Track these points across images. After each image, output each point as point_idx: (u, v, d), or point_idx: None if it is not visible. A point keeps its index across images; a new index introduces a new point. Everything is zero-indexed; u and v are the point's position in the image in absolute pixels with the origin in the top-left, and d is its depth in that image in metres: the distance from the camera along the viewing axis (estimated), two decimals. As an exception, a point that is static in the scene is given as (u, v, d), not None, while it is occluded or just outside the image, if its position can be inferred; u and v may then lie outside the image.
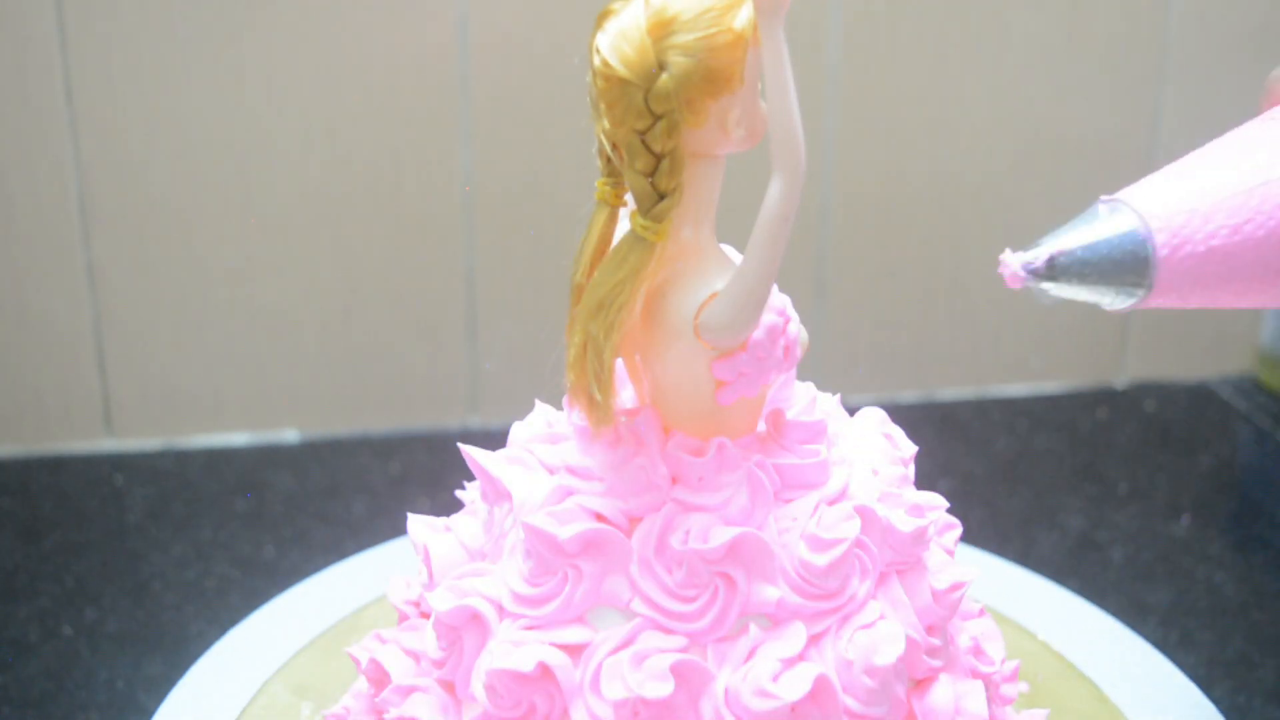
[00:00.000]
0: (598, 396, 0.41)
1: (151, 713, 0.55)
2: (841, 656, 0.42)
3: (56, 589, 0.72)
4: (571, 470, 0.45)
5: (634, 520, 0.43)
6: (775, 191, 0.38)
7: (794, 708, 0.41)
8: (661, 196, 0.39)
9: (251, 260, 0.87)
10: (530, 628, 0.43)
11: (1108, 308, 0.40)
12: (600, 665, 0.42)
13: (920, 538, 0.45)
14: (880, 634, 0.42)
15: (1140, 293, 0.39)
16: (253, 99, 0.83)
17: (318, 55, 0.83)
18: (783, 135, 0.37)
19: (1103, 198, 0.40)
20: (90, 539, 0.77)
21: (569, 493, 0.44)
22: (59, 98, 0.81)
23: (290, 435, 0.90)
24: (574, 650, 0.42)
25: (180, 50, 0.82)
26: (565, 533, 0.42)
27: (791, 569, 0.43)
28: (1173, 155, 1.10)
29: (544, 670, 0.41)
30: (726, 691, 0.41)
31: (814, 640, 0.43)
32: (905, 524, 0.44)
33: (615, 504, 0.43)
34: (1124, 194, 0.40)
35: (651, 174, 0.39)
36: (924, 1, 0.89)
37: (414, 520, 0.49)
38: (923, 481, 0.51)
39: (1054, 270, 0.39)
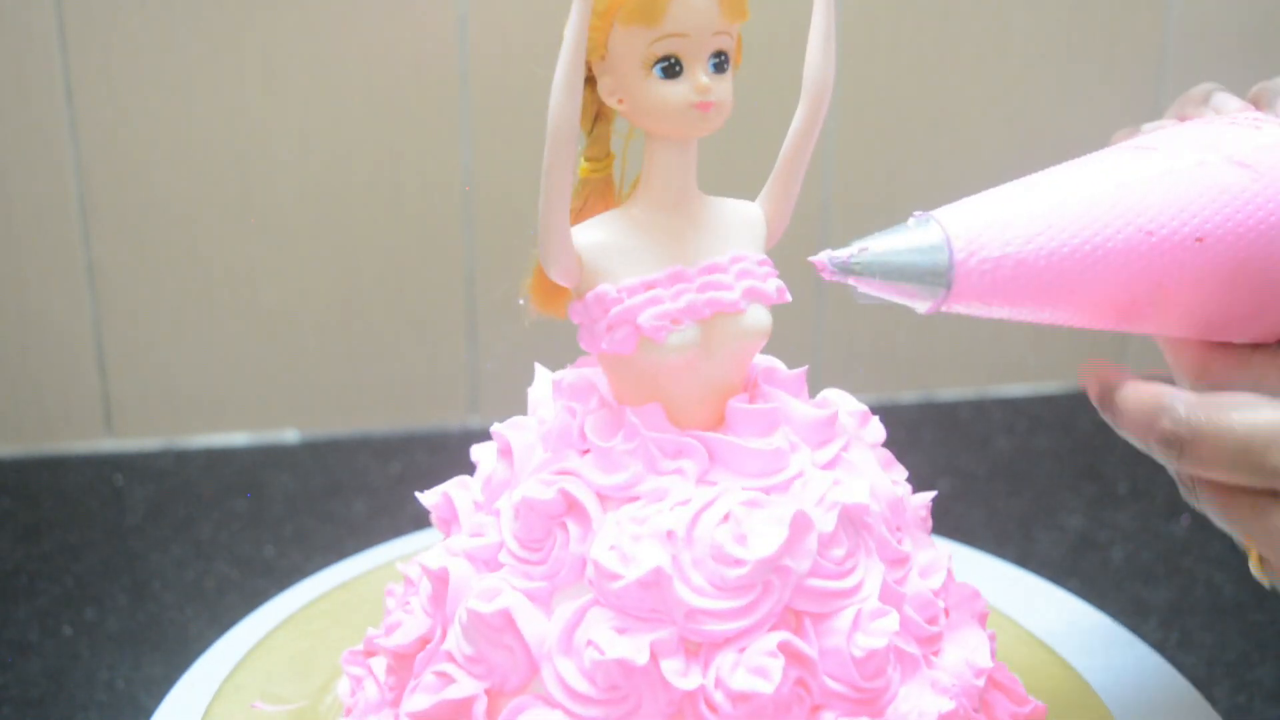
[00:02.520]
0: (525, 281, 0.47)
1: (151, 713, 0.55)
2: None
3: (56, 589, 0.72)
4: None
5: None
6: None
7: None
8: (587, 135, 0.45)
9: (251, 260, 0.87)
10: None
11: (916, 308, 0.44)
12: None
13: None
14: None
15: (940, 291, 0.43)
16: (253, 99, 0.83)
17: (317, 55, 0.83)
18: (552, 95, 0.41)
19: (915, 213, 0.45)
20: (90, 539, 0.77)
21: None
22: (59, 98, 0.81)
23: (290, 435, 0.90)
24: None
25: (180, 50, 0.82)
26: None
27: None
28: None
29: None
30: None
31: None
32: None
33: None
34: (933, 211, 0.44)
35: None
36: (924, 1, 0.89)
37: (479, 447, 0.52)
38: (922, 482, 0.51)
39: (859, 265, 0.44)
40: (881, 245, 0.44)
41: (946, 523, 0.75)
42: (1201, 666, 0.65)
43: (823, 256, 0.44)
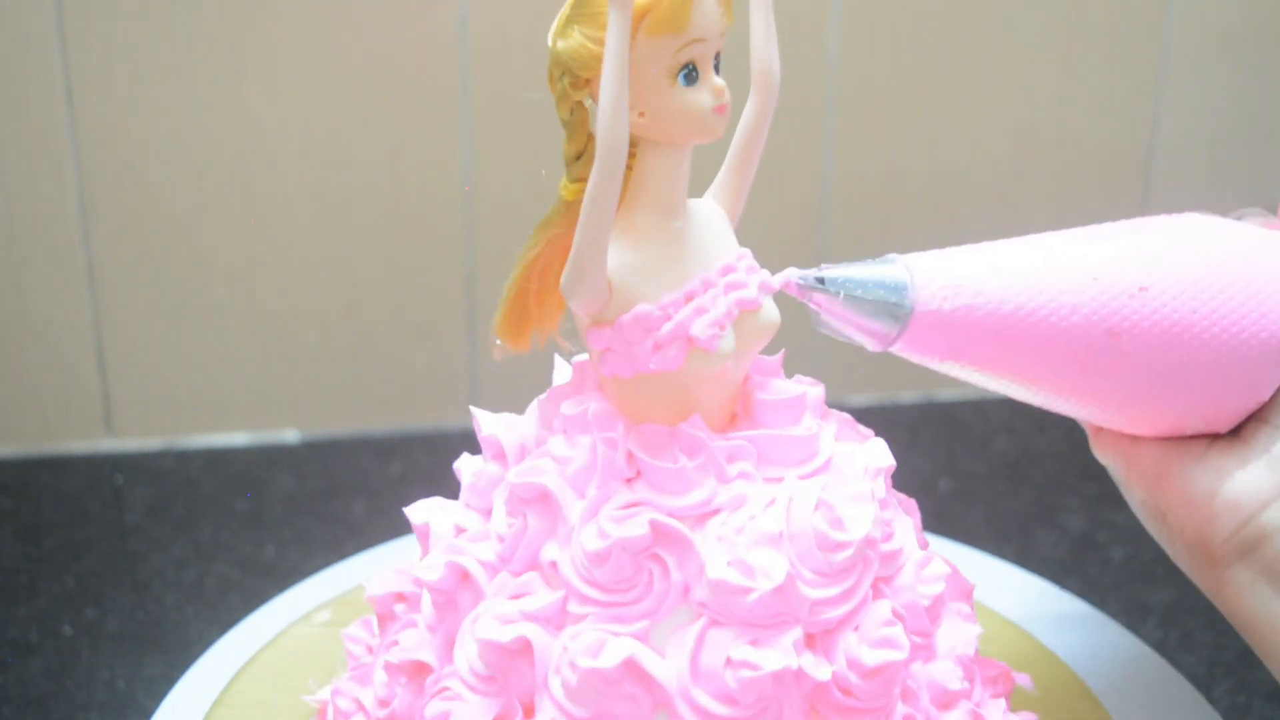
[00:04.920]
0: (495, 318, 0.46)
1: (151, 713, 0.55)
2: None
3: (56, 589, 0.72)
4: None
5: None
6: (592, 173, 0.41)
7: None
8: (577, 157, 0.43)
9: (251, 260, 0.87)
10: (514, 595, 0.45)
11: (868, 344, 0.46)
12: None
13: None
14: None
15: (896, 327, 0.44)
16: (253, 99, 0.83)
17: (318, 55, 0.83)
18: (602, 118, 0.40)
19: (888, 255, 0.46)
20: (90, 539, 0.77)
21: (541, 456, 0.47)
22: (59, 98, 0.81)
23: (290, 435, 0.90)
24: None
25: (180, 50, 0.82)
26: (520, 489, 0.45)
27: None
28: (1172, 155, 1.11)
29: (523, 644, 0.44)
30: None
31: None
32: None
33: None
34: (903, 256, 0.46)
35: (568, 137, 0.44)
36: (924, 1, 0.89)
37: (413, 507, 0.51)
38: (923, 481, 0.51)
39: (827, 280, 0.45)
40: (850, 270, 0.45)
41: (946, 523, 0.75)
42: (1201, 666, 0.65)
43: (790, 271, 0.45)
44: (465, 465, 0.51)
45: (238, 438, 0.90)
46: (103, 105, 0.82)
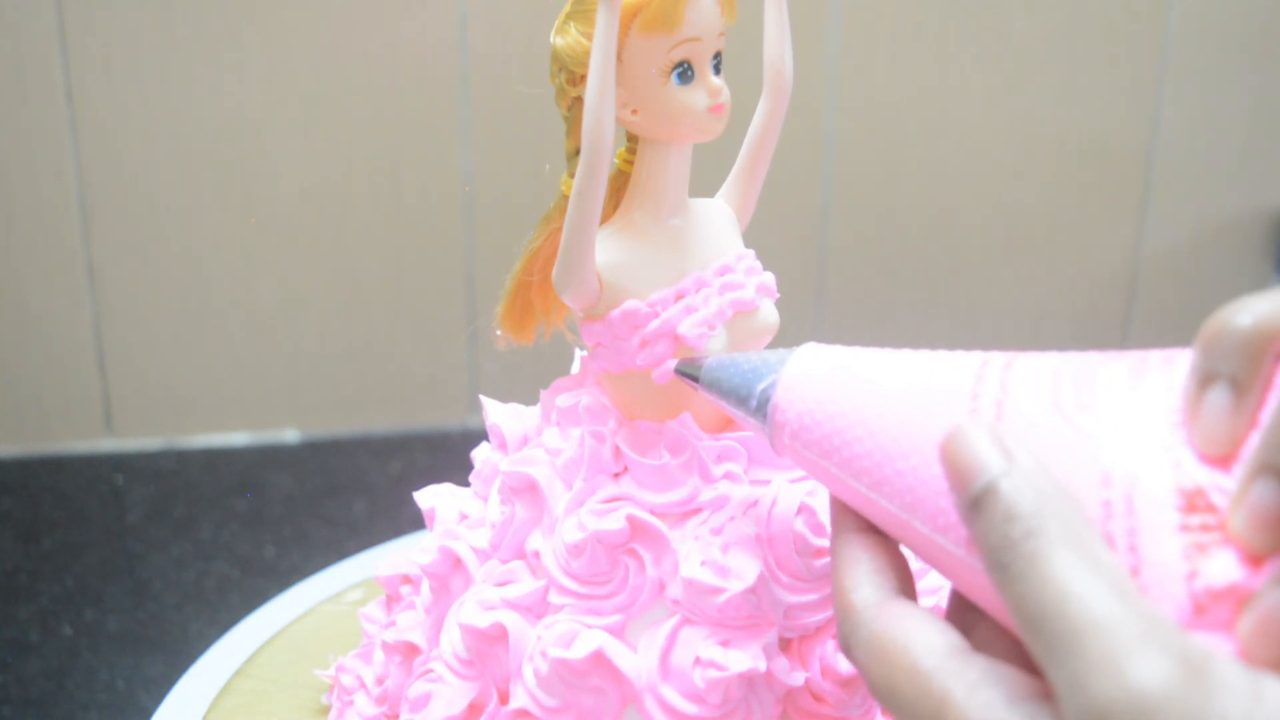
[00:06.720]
0: (497, 309, 0.47)
1: (151, 713, 0.55)
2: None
3: (56, 589, 0.72)
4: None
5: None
6: (577, 168, 0.41)
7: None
8: (576, 152, 0.42)
9: (251, 260, 0.87)
10: (499, 583, 0.45)
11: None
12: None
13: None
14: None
15: (766, 430, 0.37)
16: (253, 99, 0.83)
17: (318, 55, 0.83)
18: (586, 114, 0.40)
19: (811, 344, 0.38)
20: (90, 539, 0.77)
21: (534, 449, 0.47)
22: (59, 98, 0.81)
23: (290, 435, 0.90)
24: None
25: (180, 50, 0.82)
26: (510, 476, 0.46)
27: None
28: (1172, 155, 1.10)
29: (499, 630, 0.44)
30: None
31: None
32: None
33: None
34: (806, 347, 0.37)
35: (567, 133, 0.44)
36: (924, 1, 0.89)
37: (423, 492, 0.52)
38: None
39: (699, 378, 0.40)
40: (722, 373, 0.39)
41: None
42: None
43: (670, 362, 0.42)
44: (478, 453, 0.51)
45: (238, 438, 0.90)
46: (103, 105, 0.82)
